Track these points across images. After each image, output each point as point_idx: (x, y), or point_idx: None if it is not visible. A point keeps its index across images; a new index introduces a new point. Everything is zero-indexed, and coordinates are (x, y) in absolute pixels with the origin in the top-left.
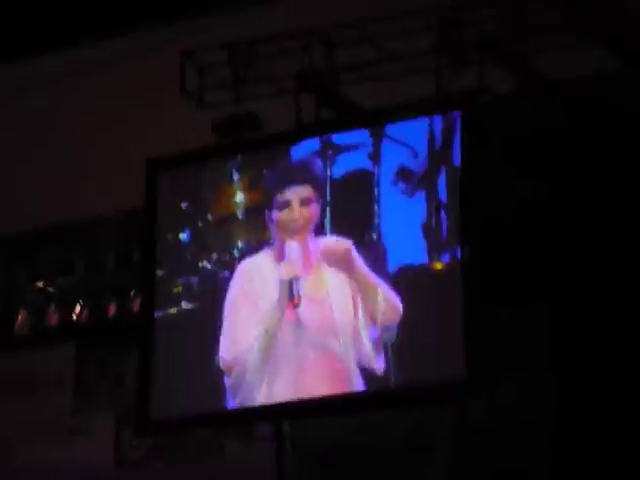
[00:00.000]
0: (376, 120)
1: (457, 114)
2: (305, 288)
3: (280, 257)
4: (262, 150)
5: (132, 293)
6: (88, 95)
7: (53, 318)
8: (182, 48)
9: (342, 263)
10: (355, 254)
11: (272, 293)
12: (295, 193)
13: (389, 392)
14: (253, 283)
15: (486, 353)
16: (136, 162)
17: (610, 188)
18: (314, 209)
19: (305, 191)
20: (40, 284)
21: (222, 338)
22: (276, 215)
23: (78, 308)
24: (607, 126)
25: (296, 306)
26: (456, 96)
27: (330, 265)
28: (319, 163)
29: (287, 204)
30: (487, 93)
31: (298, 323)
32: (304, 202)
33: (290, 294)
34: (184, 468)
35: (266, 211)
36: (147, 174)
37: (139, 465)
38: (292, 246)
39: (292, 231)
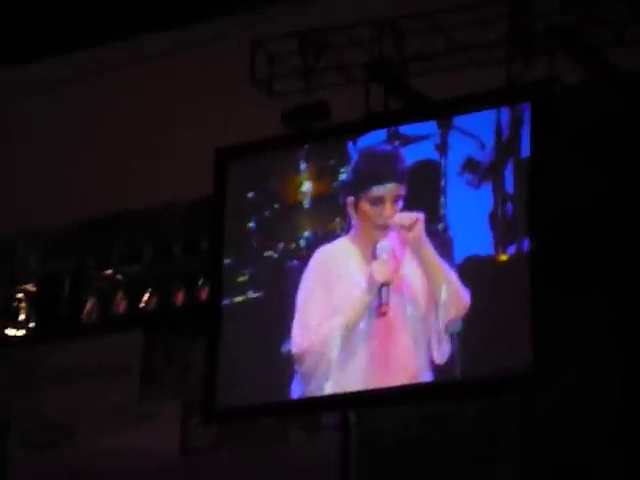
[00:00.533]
0: (445, 111)
1: (526, 105)
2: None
3: (368, 252)
4: (331, 139)
5: (200, 281)
6: (159, 83)
7: (121, 305)
8: (252, 37)
9: (412, 239)
10: (423, 231)
11: (351, 283)
12: (389, 190)
13: (455, 383)
14: (330, 271)
15: (553, 344)
16: (205, 151)
17: None
18: (400, 206)
19: (398, 189)
20: (108, 272)
21: (296, 324)
22: (365, 207)
23: (146, 296)
24: None
25: (384, 314)
26: (526, 87)
27: (403, 243)
28: (399, 155)
29: (381, 200)
30: (556, 84)
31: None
32: (396, 200)
33: (380, 300)
34: (249, 456)
35: (350, 198)
36: (216, 163)
37: (204, 453)
38: (384, 246)
39: (379, 227)
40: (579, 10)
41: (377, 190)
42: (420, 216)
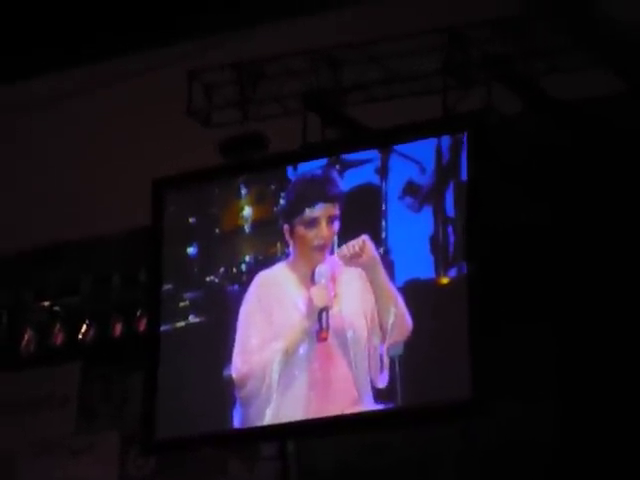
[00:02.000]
0: (383, 141)
1: (464, 134)
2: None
3: (310, 280)
4: (269, 169)
5: (138, 312)
6: (91, 114)
7: (59, 337)
8: (188, 67)
9: (366, 261)
10: (374, 250)
11: (290, 308)
12: (323, 211)
13: (396, 411)
14: (269, 295)
15: (492, 372)
16: (141, 182)
17: (614, 210)
18: (337, 227)
19: (331, 209)
20: (46, 303)
21: (236, 349)
22: (301, 231)
23: (84, 327)
24: (612, 149)
25: (324, 339)
26: (463, 117)
27: (348, 264)
28: (334, 179)
29: (315, 222)
30: (494, 114)
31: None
32: (331, 220)
33: (320, 326)
34: None
35: (285, 225)
36: (153, 193)
37: None
38: (322, 271)
39: (317, 249)
40: (513, 39)
41: (310, 212)
42: (365, 237)
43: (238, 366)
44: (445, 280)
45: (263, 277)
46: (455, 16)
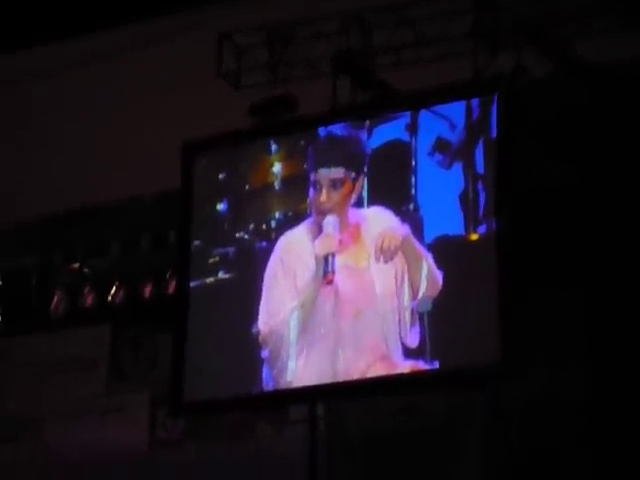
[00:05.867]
0: (413, 103)
1: (494, 95)
2: (345, 260)
3: (317, 232)
4: (298, 131)
5: (168, 274)
6: (123, 77)
7: (88, 299)
8: (219, 30)
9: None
10: (412, 239)
11: (308, 267)
12: (325, 176)
13: (432, 374)
14: (291, 257)
15: (521, 335)
16: (172, 144)
17: None
18: (347, 189)
19: (336, 173)
20: (75, 265)
21: (261, 309)
22: (311, 193)
23: (113, 289)
24: None
25: (329, 282)
26: (493, 80)
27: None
28: (357, 138)
29: (318, 186)
30: (523, 76)
31: (335, 297)
32: (334, 184)
33: (325, 270)
34: (216, 450)
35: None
36: (183, 155)
37: (172, 445)
38: (329, 221)
39: (324, 211)
40: (545, 2)
41: (315, 175)
42: (404, 232)
43: (261, 326)
44: (474, 236)
45: (285, 239)
46: None
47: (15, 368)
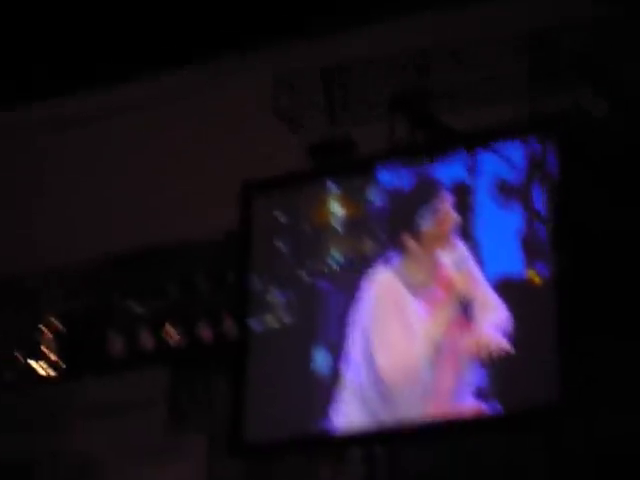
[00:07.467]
0: (472, 143)
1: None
2: None
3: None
4: (357, 172)
5: (225, 315)
6: (182, 119)
7: (146, 341)
8: (276, 71)
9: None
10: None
11: (412, 309)
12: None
13: (498, 416)
14: (400, 298)
15: (583, 379)
16: (229, 186)
17: None
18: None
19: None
20: (134, 307)
21: (380, 351)
22: (425, 226)
23: (171, 331)
24: None
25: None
26: (552, 119)
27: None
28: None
29: (438, 213)
30: (583, 115)
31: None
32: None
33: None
34: None
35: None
36: (242, 196)
37: None
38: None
39: (442, 239)
40: (604, 42)
41: (429, 206)
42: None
43: (389, 372)
44: (535, 278)
45: (387, 279)
46: (538, 19)
47: (75, 412)
